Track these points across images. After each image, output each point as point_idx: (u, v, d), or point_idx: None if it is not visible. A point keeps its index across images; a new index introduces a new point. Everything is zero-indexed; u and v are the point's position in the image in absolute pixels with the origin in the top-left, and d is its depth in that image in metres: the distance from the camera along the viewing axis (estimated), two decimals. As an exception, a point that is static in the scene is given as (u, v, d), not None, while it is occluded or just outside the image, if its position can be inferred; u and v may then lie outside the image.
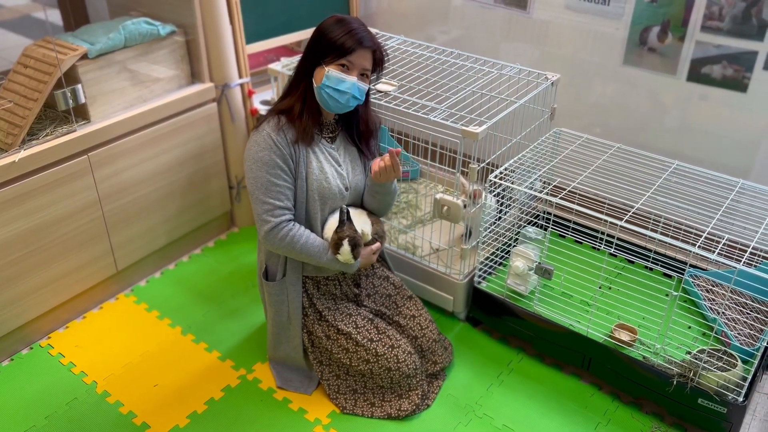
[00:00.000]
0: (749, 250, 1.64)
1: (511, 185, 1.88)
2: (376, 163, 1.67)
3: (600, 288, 1.94)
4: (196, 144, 2.23)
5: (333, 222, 1.68)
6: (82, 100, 1.91)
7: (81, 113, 1.95)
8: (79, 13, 2.34)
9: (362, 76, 1.60)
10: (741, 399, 1.62)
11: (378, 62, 1.63)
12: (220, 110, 2.28)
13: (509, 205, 2.14)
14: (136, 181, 2.09)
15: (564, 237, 2.27)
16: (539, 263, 1.85)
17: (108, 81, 1.97)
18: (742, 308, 1.95)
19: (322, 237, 1.69)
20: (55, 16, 2.32)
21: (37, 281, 1.92)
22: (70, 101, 1.88)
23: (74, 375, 1.89)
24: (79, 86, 1.89)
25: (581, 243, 2.22)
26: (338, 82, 1.57)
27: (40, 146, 1.81)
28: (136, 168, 2.08)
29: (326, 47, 1.57)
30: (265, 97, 2.42)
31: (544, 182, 2.04)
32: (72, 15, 2.32)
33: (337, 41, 1.55)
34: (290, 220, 1.64)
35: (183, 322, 2.10)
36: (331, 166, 1.68)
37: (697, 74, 2.07)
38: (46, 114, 1.97)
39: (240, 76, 2.28)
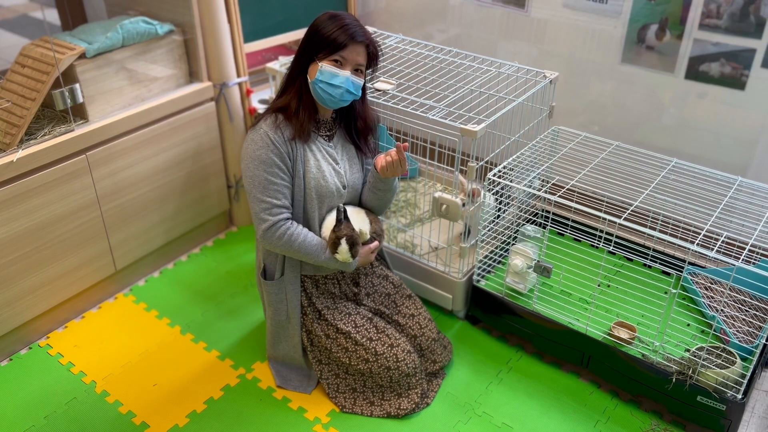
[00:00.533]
0: (748, 247, 1.64)
1: (509, 183, 1.88)
2: (382, 158, 1.67)
3: (599, 286, 1.94)
4: (194, 143, 2.23)
5: (331, 220, 1.68)
6: (80, 99, 1.90)
7: (79, 113, 1.95)
8: (76, 12, 2.33)
9: (356, 71, 1.60)
10: (740, 396, 1.62)
11: (372, 57, 1.63)
12: (219, 109, 2.28)
13: (508, 203, 2.14)
14: (134, 180, 2.09)
15: (563, 235, 2.27)
16: (538, 261, 1.84)
17: (106, 80, 1.97)
18: (740, 305, 1.95)
19: (320, 235, 1.69)
20: (52, 15, 2.31)
21: (35, 281, 1.92)
22: (68, 101, 1.88)
23: (73, 375, 1.88)
24: (77, 86, 1.89)
25: (580, 241, 2.22)
26: (331, 77, 1.56)
27: (38, 146, 1.81)
28: (134, 167, 2.08)
29: (319, 43, 1.56)
30: (263, 96, 2.42)
31: (543, 180, 2.04)
32: (70, 14, 2.31)
33: (330, 36, 1.55)
34: (288, 219, 1.64)
35: (182, 321, 2.10)
36: (329, 164, 1.68)
37: (695, 72, 2.07)
38: (44, 113, 1.97)
39: (238, 75, 2.27)
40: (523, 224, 2.25)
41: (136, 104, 2.06)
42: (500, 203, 2.07)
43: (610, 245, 1.85)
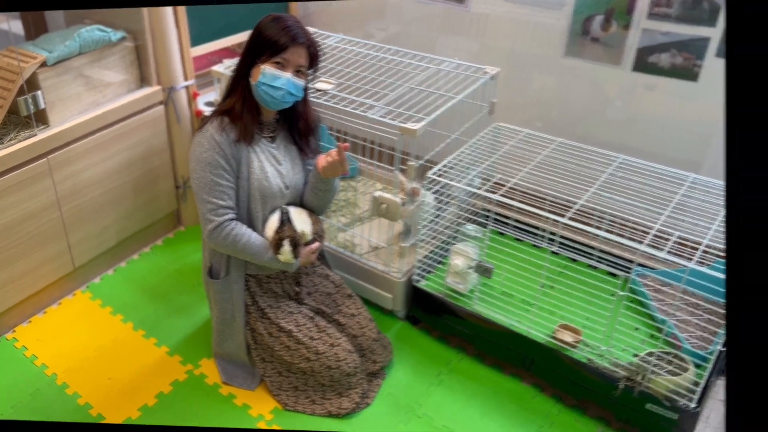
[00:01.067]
0: (701, 247, 1.56)
1: (449, 182, 1.85)
2: (323, 159, 1.68)
3: (542, 287, 1.88)
4: (144, 146, 2.28)
5: (273, 221, 1.70)
6: (42, 105, 1.98)
7: (41, 118, 2.03)
8: (39, 22, 2.42)
9: (298, 72, 1.61)
10: (693, 405, 1.55)
11: (313, 58, 1.64)
12: (167, 112, 2.32)
13: (448, 202, 2.10)
14: (91, 182, 2.16)
15: (504, 234, 2.21)
16: (479, 261, 1.81)
17: (65, 87, 2.04)
18: (694, 309, 1.85)
19: (263, 236, 1.71)
20: (17, 26, 2.40)
21: (2, 278, 1.99)
22: (31, 107, 1.96)
23: (36, 367, 1.97)
24: (39, 92, 1.96)
25: (522, 240, 2.15)
26: (273, 79, 1.58)
27: (3, 151, 1.89)
28: (91, 170, 2.15)
29: (262, 45, 1.59)
30: (208, 98, 2.45)
31: (484, 179, 1.99)
32: (32, 25, 2.41)
33: (272, 38, 1.57)
34: (233, 219, 1.67)
35: (134, 318, 2.16)
36: (272, 165, 1.70)
37: (643, 63, 1.97)
38: (10, 119, 2.06)
39: (185, 79, 2.31)
40: (464, 223, 2.20)
41: (92, 109, 2.13)
42: (440, 202, 2.04)
43: (554, 245, 1.79)
